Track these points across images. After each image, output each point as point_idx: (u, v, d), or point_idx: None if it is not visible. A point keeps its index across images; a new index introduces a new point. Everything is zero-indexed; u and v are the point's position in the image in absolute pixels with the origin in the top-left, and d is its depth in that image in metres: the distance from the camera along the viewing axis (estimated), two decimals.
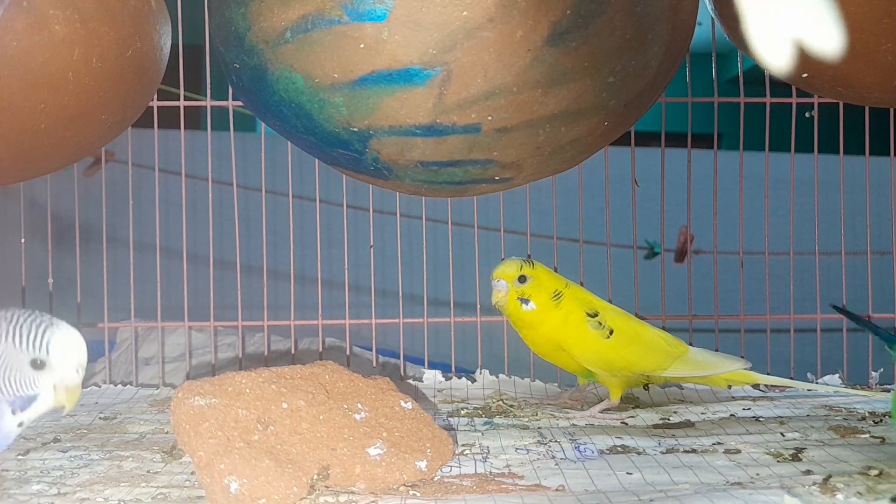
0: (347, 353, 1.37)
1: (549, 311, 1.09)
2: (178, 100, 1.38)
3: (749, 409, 1.12)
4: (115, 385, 1.31)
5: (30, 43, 0.86)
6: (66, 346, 0.74)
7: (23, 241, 1.34)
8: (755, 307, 1.36)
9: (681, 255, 2.57)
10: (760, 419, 1.05)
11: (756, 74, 1.27)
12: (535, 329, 1.11)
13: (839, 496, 0.73)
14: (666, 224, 1.38)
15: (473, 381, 1.30)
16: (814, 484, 0.76)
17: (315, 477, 0.77)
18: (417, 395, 1.22)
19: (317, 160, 1.09)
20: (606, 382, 1.11)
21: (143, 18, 0.95)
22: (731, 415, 1.09)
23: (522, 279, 1.10)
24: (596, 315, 1.09)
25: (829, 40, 0.37)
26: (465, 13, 0.80)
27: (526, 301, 1.10)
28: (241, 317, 1.36)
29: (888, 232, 1.37)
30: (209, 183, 1.34)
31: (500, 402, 1.17)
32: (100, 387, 1.30)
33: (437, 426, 0.85)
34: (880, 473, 0.78)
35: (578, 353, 1.08)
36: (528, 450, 0.93)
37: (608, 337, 1.08)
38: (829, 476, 0.78)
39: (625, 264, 1.40)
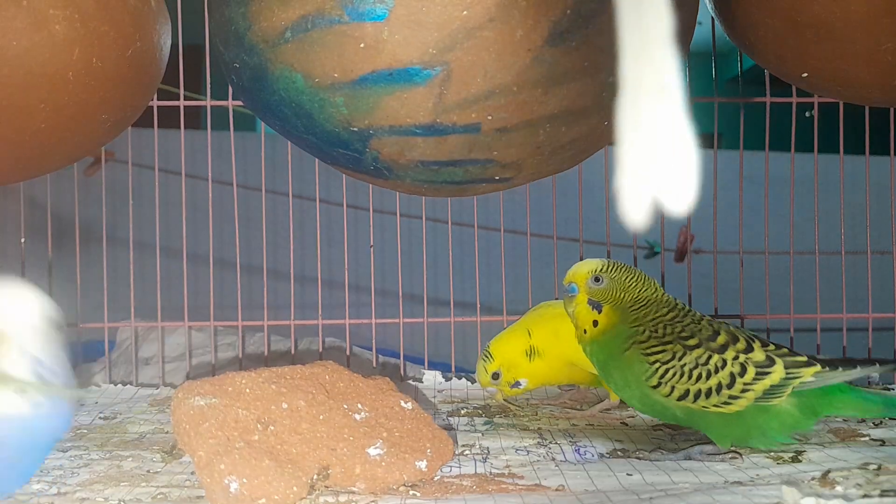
0: (347, 353, 1.37)
1: (540, 364, 1.12)
2: (178, 99, 1.38)
3: None
4: (115, 385, 1.31)
5: (30, 42, 0.86)
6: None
7: (23, 240, 1.34)
8: (755, 307, 1.36)
9: (681, 255, 2.57)
10: None
11: (756, 74, 1.28)
12: (543, 379, 1.14)
13: (838, 488, 0.73)
14: (666, 224, 1.38)
15: (473, 381, 1.29)
16: (813, 479, 0.76)
17: (315, 477, 0.77)
18: (417, 396, 1.22)
19: (317, 160, 1.09)
20: (606, 385, 1.11)
21: (143, 18, 0.95)
22: None
23: (496, 376, 1.12)
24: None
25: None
26: (465, 13, 0.80)
27: (515, 384, 1.12)
28: (241, 317, 1.36)
29: (888, 232, 1.37)
30: (209, 183, 1.34)
31: (502, 399, 1.18)
32: (100, 386, 1.30)
33: (437, 426, 0.85)
34: (879, 467, 0.79)
35: (588, 363, 1.09)
36: (528, 451, 0.93)
37: None
38: (829, 471, 0.78)
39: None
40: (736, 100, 1.37)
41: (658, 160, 0.36)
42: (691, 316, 0.92)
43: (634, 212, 0.37)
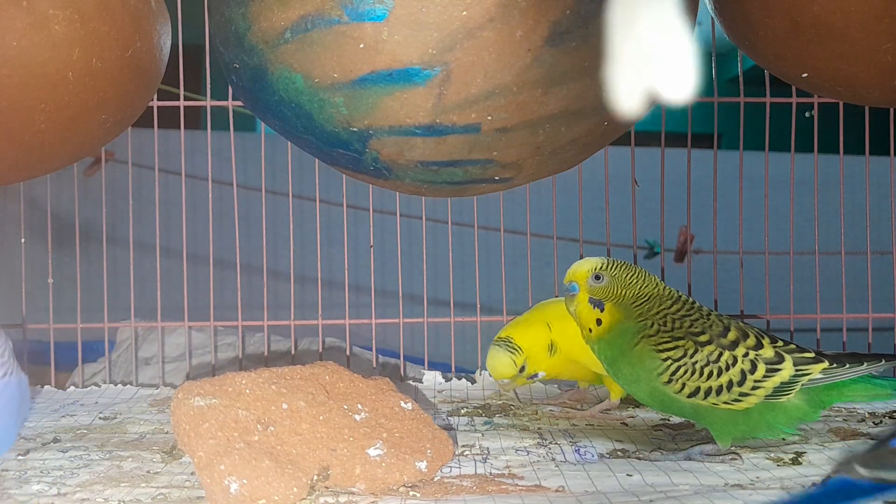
0: (347, 353, 1.37)
1: (556, 359, 1.12)
2: (178, 100, 1.38)
3: None
4: (115, 385, 1.31)
5: (30, 43, 0.86)
6: None
7: (23, 240, 1.34)
8: (755, 307, 1.36)
9: (681, 255, 2.57)
10: None
11: (756, 74, 1.27)
12: (554, 374, 1.15)
13: None
14: (666, 224, 1.38)
15: (473, 381, 1.29)
16: (813, 484, 0.76)
17: (315, 477, 0.77)
18: (417, 396, 1.22)
19: (317, 160, 1.09)
20: (610, 384, 1.11)
21: (143, 18, 0.95)
22: None
23: (522, 369, 1.12)
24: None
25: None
26: (465, 13, 0.80)
27: (533, 376, 1.12)
28: (241, 317, 1.36)
29: (888, 232, 1.37)
30: (209, 183, 1.34)
31: (503, 401, 1.18)
32: (100, 386, 1.30)
33: (437, 427, 0.85)
34: None
35: (591, 361, 1.09)
36: (528, 451, 0.93)
37: None
38: (829, 476, 0.78)
39: None
40: (736, 100, 1.37)
41: (655, 48, 0.35)
42: (699, 310, 0.92)
43: (630, 98, 0.36)
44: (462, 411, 1.12)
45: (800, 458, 0.87)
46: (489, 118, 0.85)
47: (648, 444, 0.95)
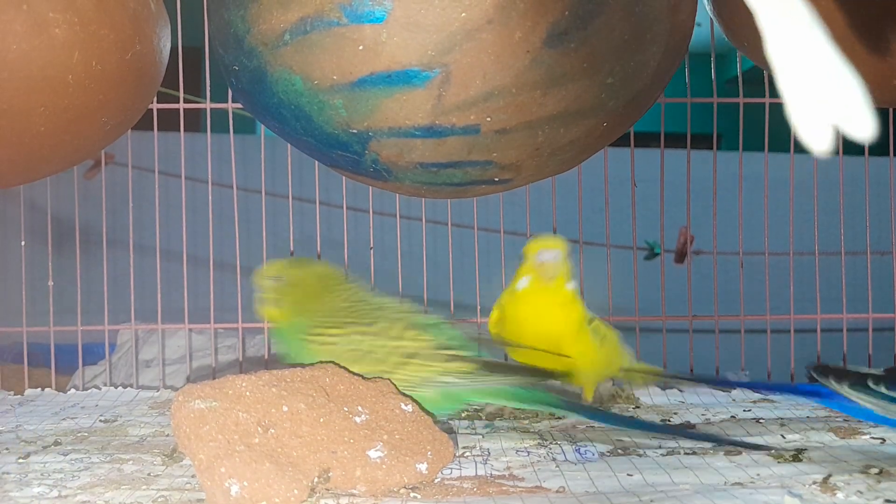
0: None
1: (555, 295, 1.09)
2: (178, 102, 1.38)
3: (749, 410, 1.12)
4: (116, 387, 1.31)
5: (29, 46, 0.86)
6: None
7: (23, 243, 1.34)
8: (755, 307, 1.36)
9: (681, 256, 2.56)
10: (761, 421, 1.05)
11: (755, 75, 1.28)
12: (540, 316, 1.09)
13: (839, 495, 0.73)
14: (666, 224, 1.38)
15: None
16: (814, 483, 0.76)
17: (316, 480, 0.77)
18: None
19: (316, 162, 1.10)
20: (583, 382, 1.11)
21: (143, 21, 0.95)
22: (732, 416, 1.09)
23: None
24: (592, 321, 1.11)
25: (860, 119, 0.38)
26: (463, 15, 0.80)
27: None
28: (241, 319, 1.36)
29: (888, 232, 1.37)
30: (209, 185, 1.35)
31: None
32: (100, 389, 1.30)
33: (437, 428, 0.85)
34: (880, 472, 0.78)
35: (575, 353, 1.08)
36: (528, 452, 0.93)
37: (601, 345, 1.10)
38: (830, 475, 0.78)
39: (625, 265, 1.40)
40: (735, 100, 1.37)
41: (827, 87, 0.36)
42: (369, 303, 0.99)
43: (816, 136, 0.37)
44: (462, 413, 1.12)
45: (800, 456, 0.87)
46: (488, 119, 0.85)
47: (649, 444, 0.95)
